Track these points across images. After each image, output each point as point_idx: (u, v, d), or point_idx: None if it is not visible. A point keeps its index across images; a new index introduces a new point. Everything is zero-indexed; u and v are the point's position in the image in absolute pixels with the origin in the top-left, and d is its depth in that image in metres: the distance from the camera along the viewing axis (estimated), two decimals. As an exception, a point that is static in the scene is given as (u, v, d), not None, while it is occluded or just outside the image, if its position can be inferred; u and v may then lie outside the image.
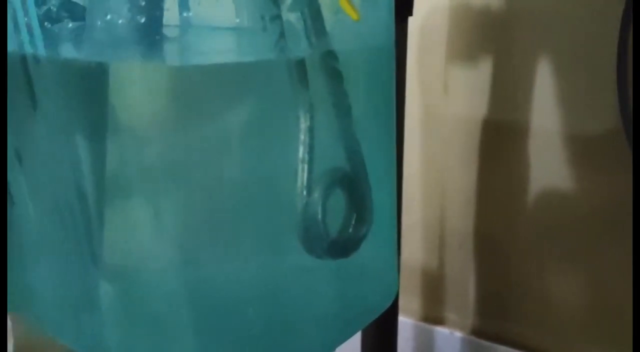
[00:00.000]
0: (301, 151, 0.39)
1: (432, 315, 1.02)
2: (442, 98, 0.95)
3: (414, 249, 1.01)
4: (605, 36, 0.82)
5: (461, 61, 0.93)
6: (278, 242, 0.41)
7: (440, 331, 1.01)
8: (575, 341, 0.92)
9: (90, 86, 0.37)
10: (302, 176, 0.39)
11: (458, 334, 1.00)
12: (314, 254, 0.40)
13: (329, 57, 0.40)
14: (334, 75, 0.40)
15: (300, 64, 0.39)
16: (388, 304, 0.48)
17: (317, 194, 0.40)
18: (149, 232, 0.38)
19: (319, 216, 0.40)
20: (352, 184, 0.42)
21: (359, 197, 0.42)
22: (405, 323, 1.02)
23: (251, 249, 0.40)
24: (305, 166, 0.39)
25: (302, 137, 0.39)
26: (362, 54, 0.44)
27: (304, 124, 0.39)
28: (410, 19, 0.93)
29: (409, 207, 0.99)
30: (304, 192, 0.39)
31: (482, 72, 0.92)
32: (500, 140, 0.93)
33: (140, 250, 0.39)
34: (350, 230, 0.42)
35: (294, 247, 0.40)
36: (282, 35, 0.38)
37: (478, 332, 0.99)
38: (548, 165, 0.90)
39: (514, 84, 0.90)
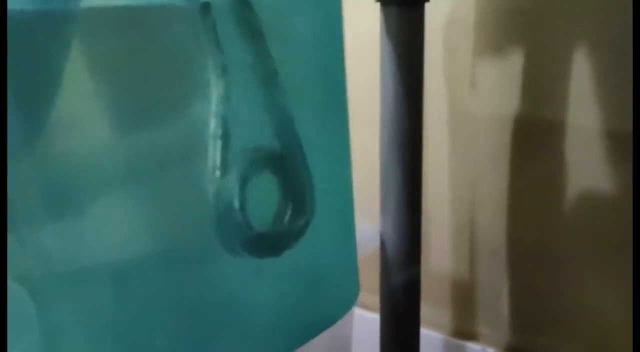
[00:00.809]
0: (213, 124, 0.33)
1: (463, 329, 0.95)
2: (470, 94, 0.89)
3: (442, 257, 0.94)
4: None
5: (490, 54, 0.87)
6: (192, 237, 0.35)
7: (472, 347, 0.94)
8: (618, 359, 0.84)
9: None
10: (215, 154, 0.33)
11: (491, 350, 0.93)
12: (231, 251, 0.34)
13: (242, 7, 0.33)
14: (251, 30, 0.34)
15: (205, 12, 0.32)
16: (345, 311, 0.42)
17: (233, 177, 0.33)
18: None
19: (236, 203, 0.33)
20: (283, 168, 0.35)
21: (294, 183, 0.36)
22: (433, 338, 0.95)
23: (157, 246, 0.34)
24: (219, 142, 0.33)
25: (213, 106, 0.33)
26: (291, 6, 0.37)
27: (216, 91, 0.33)
28: (436, 9, 0.87)
29: (436, 211, 0.93)
30: (217, 174, 0.33)
31: (514, 65, 0.85)
32: (533, 139, 0.86)
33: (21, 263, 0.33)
34: (285, 223, 0.36)
35: (214, 243, 0.34)
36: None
37: (513, 348, 0.91)
38: (586, 165, 0.82)
39: (548, 78, 0.83)
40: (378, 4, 0.78)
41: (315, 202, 0.37)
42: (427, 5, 0.80)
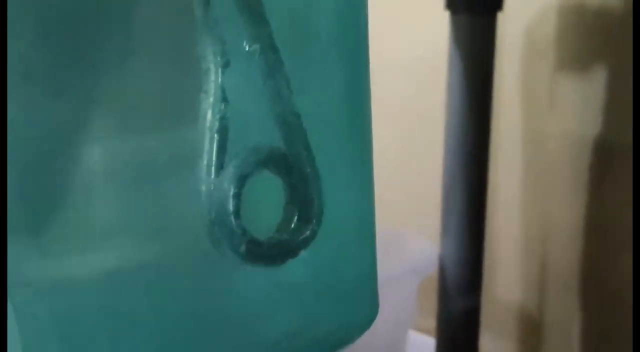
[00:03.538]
0: (209, 117, 0.30)
1: (529, 365, 0.89)
2: (548, 114, 0.83)
3: (511, 288, 0.88)
4: None
5: (571, 71, 0.81)
6: (189, 244, 0.31)
7: (537, 384, 0.87)
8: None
9: None
10: (210, 151, 0.30)
11: (558, 390, 0.86)
12: (224, 257, 0.31)
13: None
14: (252, 14, 0.30)
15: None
16: (360, 334, 0.38)
17: (229, 176, 0.30)
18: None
19: (230, 205, 0.30)
20: (288, 168, 0.32)
21: (300, 187, 0.32)
22: (497, 372, 0.89)
23: (149, 253, 0.30)
24: (215, 137, 0.30)
25: (211, 98, 0.30)
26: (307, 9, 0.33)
27: (214, 82, 0.29)
28: (511, 19, 0.82)
29: (505, 236, 0.87)
30: (212, 173, 0.30)
31: (596, 83, 0.79)
32: (614, 164, 0.79)
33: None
34: (290, 231, 0.32)
35: (212, 252, 0.30)
36: None
37: (582, 390, 0.84)
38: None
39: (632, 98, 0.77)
40: (447, 12, 0.74)
41: (323, 210, 0.32)
42: (501, 16, 0.75)
